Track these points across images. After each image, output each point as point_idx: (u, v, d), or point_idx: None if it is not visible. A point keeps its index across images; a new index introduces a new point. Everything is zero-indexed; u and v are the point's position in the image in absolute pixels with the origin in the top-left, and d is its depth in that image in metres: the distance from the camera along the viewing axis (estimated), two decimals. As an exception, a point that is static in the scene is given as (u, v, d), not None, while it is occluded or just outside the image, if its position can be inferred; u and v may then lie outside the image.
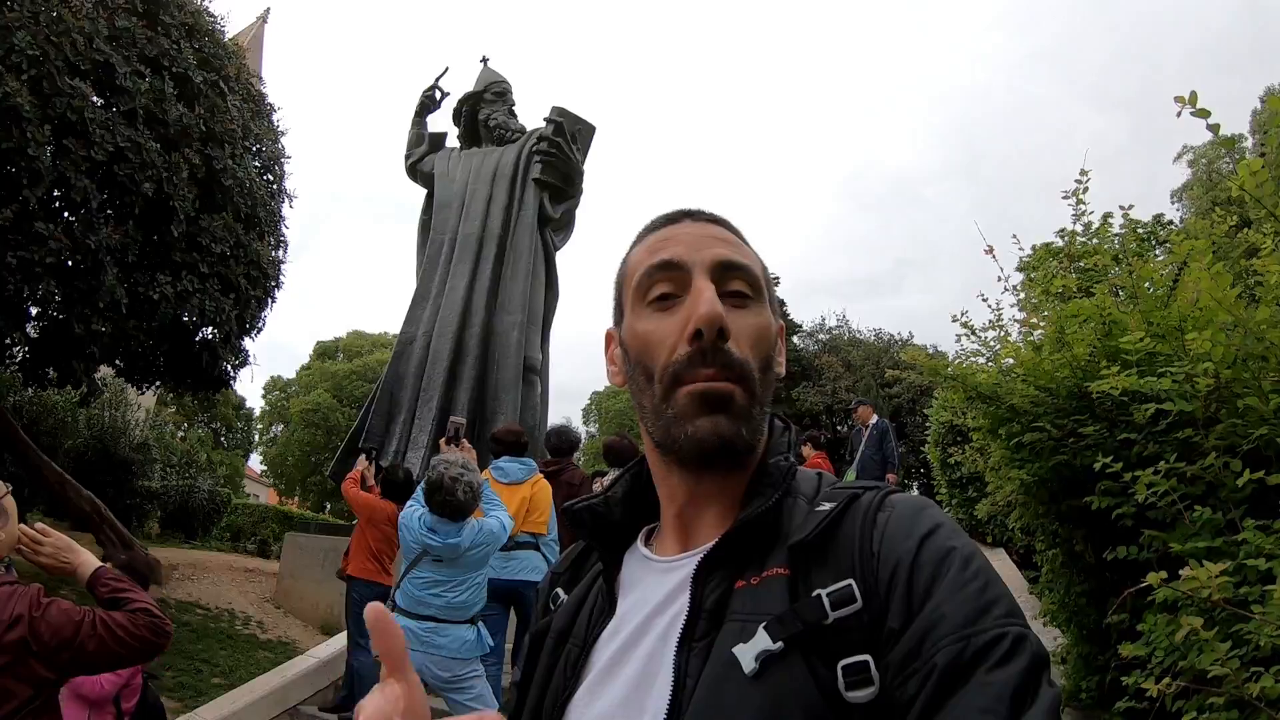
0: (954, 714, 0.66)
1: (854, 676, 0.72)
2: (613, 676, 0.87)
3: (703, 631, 0.81)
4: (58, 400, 13.92)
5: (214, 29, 10.37)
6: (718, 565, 0.85)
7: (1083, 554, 3.83)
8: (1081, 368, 3.22)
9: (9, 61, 7.25)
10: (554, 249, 11.85)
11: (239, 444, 40.95)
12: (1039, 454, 3.49)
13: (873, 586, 0.76)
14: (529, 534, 5.70)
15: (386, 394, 10.85)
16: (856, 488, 0.88)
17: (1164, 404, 2.72)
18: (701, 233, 0.95)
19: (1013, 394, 3.52)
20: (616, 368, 1.00)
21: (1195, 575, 1.91)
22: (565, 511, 1.05)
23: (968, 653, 0.68)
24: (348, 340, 44.06)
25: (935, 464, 10.09)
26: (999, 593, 0.73)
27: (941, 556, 0.76)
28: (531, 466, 5.89)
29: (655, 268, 0.92)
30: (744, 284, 0.92)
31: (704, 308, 0.85)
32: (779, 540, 0.84)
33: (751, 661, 0.75)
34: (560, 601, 1.04)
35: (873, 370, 27.26)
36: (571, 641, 0.95)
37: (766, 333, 0.92)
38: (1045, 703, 0.65)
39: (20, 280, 7.61)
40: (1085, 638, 4.13)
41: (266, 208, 10.76)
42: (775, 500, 0.86)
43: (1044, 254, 5.35)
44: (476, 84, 12.77)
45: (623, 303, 0.99)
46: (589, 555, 1.07)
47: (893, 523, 0.81)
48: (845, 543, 0.81)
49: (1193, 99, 2.43)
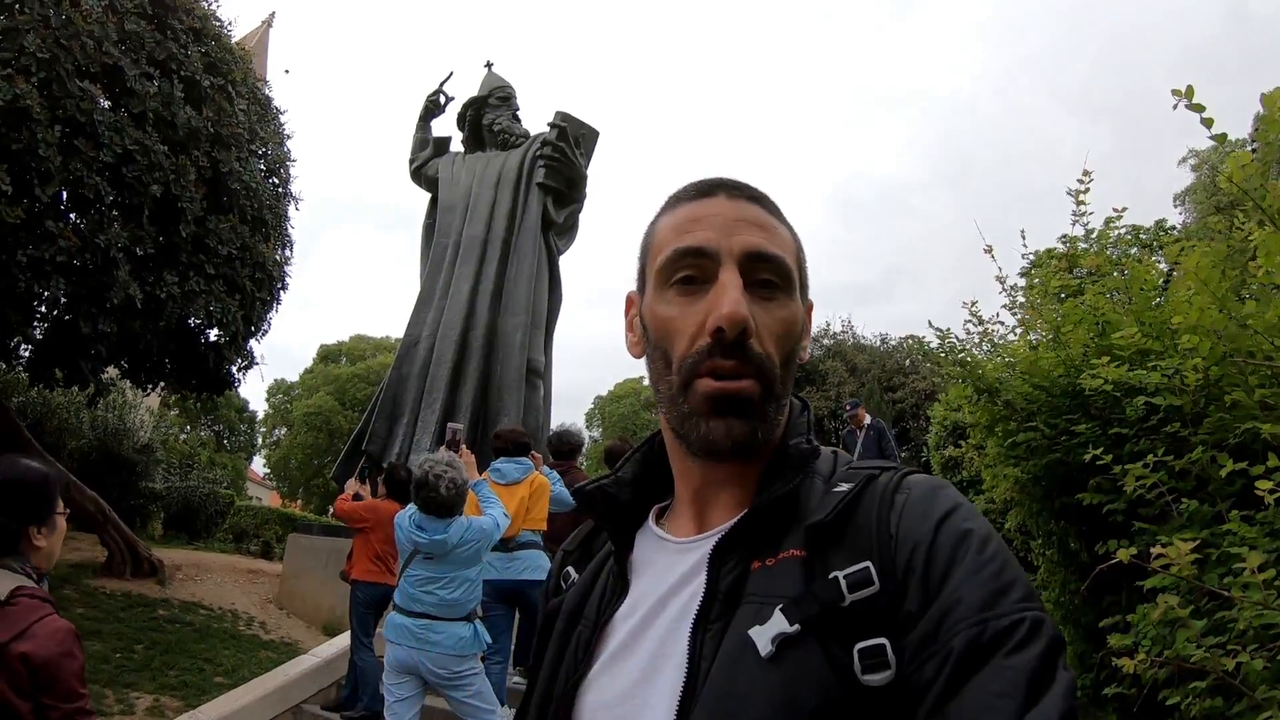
0: (971, 697, 0.66)
1: (870, 660, 0.72)
2: (626, 657, 0.87)
3: (718, 613, 0.81)
4: (62, 401, 13.96)
5: (221, 33, 10.42)
6: (734, 547, 0.84)
7: (1077, 552, 3.87)
8: (1075, 366, 3.26)
9: (19, 64, 7.31)
10: (557, 253, 11.86)
11: (241, 447, 40.96)
12: (1033, 452, 3.53)
13: (890, 569, 0.76)
14: (531, 532, 5.76)
15: (390, 396, 10.87)
16: (874, 468, 0.88)
17: (1154, 397, 2.77)
18: (735, 214, 0.90)
19: (1010, 389, 3.57)
20: (635, 337, 0.98)
21: (1166, 553, 1.96)
22: (576, 493, 1.04)
23: (985, 636, 0.68)
24: (351, 343, 44.10)
25: (936, 466, 10.09)
26: (1016, 575, 0.73)
27: (959, 539, 0.76)
28: (528, 466, 5.92)
29: (682, 252, 0.89)
30: (773, 274, 0.89)
31: (727, 307, 0.83)
32: (796, 521, 0.84)
33: (767, 644, 0.75)
34: (571, 580, 1.04)
35: (878, 375, 27.27)
36: (583, 622, 0.95)
37: (792, 327, 0.90)
38: (1062, 687, 0.66)
39: (30, 278, 7.66)
40: (1080, 636, 4.17)
41: (272, 210, 10.81)
42: (795, 484, 0.86)
43: (1045, 258, 5.41)
44: (481, 89, 12.81)
45: (646, 273, 0.96)
46: (599, 533, 1.06)
47: (910, 504, 0.80)
48: (863, 524, 0.80)
49: (1189, 93, 2.47)
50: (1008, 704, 0.64)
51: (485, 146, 12.51)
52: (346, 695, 6.61)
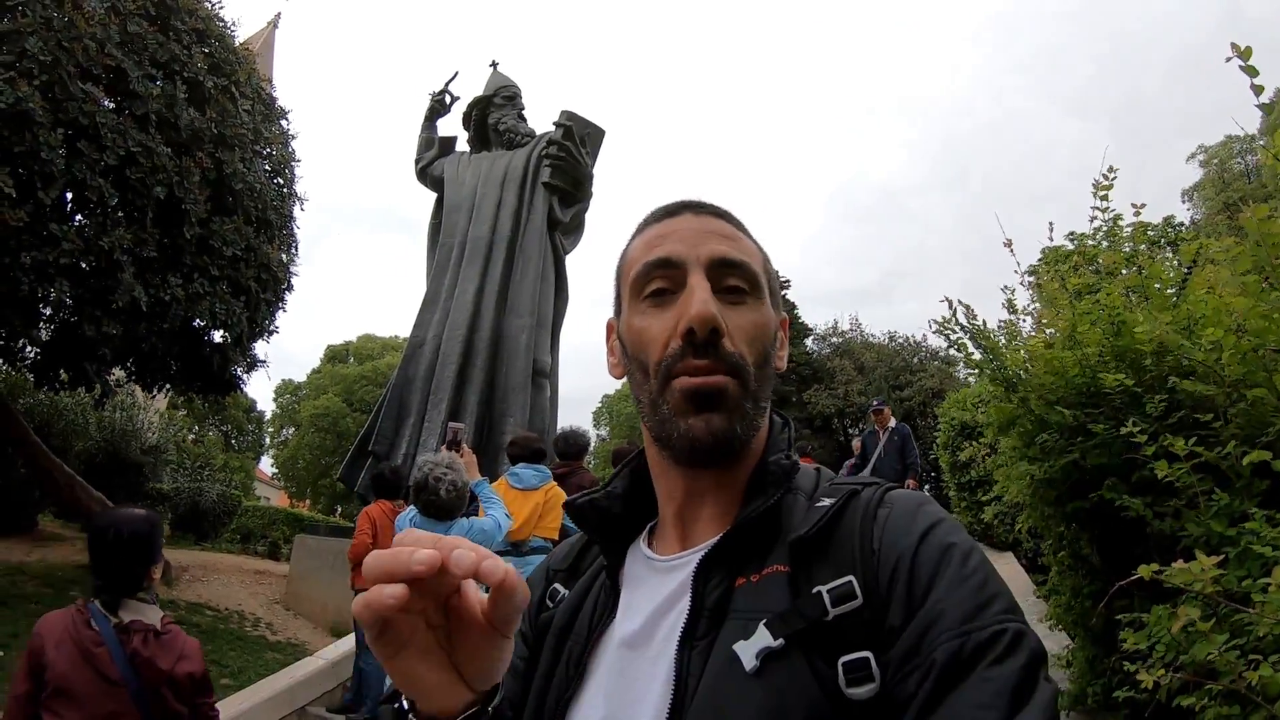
0: (954, 709, 0.66)
1: (855, 673, 0.72)
2: (616, 676, 0.87)
3: (704, 630, 0.81)
4: (68, 403, 13.99)
5: (224, 34, 10.44)
6: (718, 563, 0.85)
7: (1089, 556, 3.81)
8: (1091, 366, 3.21)
9: (21, 67, 7.33)
10: (563, 252, 11.85)
11: (249, 447, 41.09)
12: (1049, 452, 3.48)
13: (873, 583, 0.76)
14: (541, 539, 5.73)
15: (396, 397, 10.87)
16: (855, 484, 0.88)
17: (1187, 380, 2.70)
18: (701, 227, 0.93)
19: (1029, 385, 3.51)
20: (615, 359, 1.00)
21: (1188, 568, 1.91)
22: (568, 507, 1.04)
23: (967, 648, 0.68)
24: (358, 344, 44.21)
25: (945, 466, 10.00)
26: (997, 589, 0.73)
27: (941, 552, 0.76)
28: (546, 474, 5.93)
29: (652, 265, 0.91)
30: (741, 280, 0.91)
31: (696, 308, 0.85)
32: (779, 537, 0.84)
33: (752, 659, 0.75)
34: (560, 596, 1.03)
35: (885, 373, 27.25)
36: (573, 639, 0.95)
37: (763, 329, 0.91)
38: (1043, 698, 0.66)
39: (34, 280, 7.67)
40: (1091, 641, 4.11)
41: (277, 211, 10.84)
42: (776, 499, 0.86)
43: (1053, 256, 5.34)
44: (486, 88, 12.80)
45: (621, 295, 0.99)
46: (588, 551, 1.07)
47: (893, 519, 0.81)
48: (845, 539, 0.81)
49: (1246, 53, 2.36)
50: (989, 715, 0.64)
51: (491, 146, 12.50)
52: (350, 698, 6.58)
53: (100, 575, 2.63)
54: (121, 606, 2.60)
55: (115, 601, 2.61)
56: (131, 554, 2.63)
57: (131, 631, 2.57)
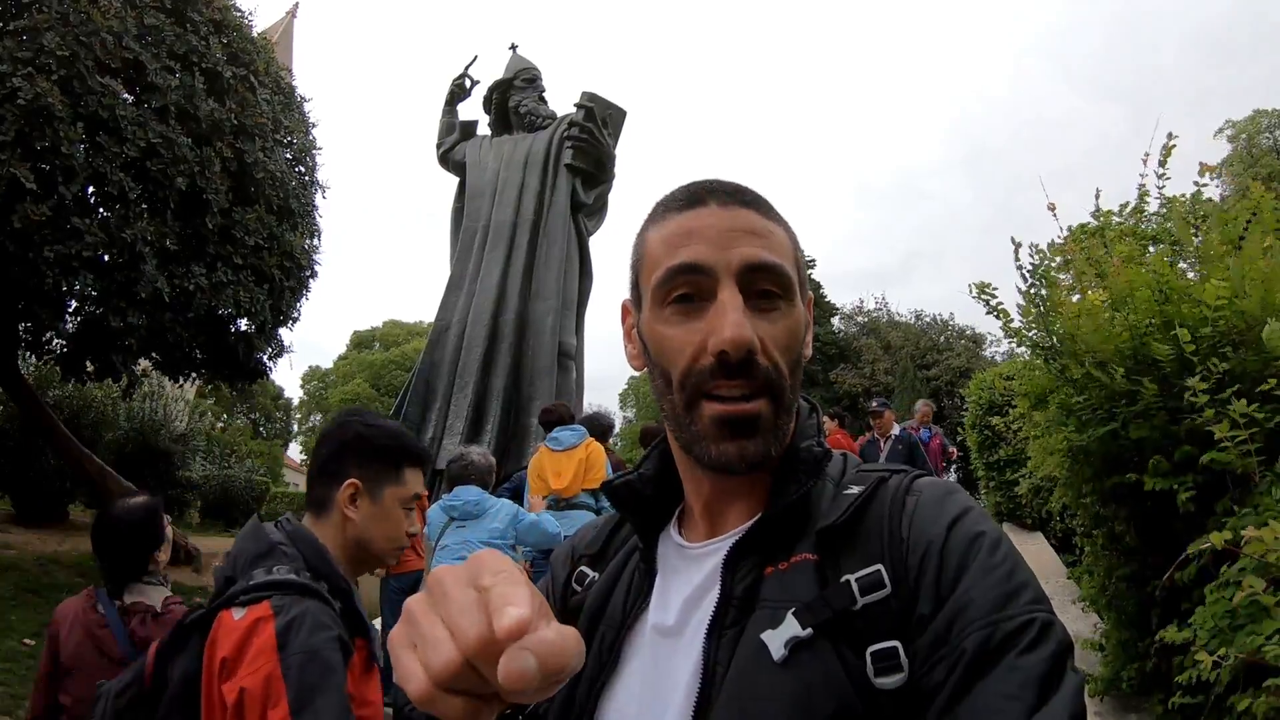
0: (981, 699, 0.66)
1: (883, 663, 0.72)
2: (650, 664, 0.86)
3: (733, 619, 0.80)
4: (98, 394, 14.12)
5: (242, 24, 10.45)
6: (747, 552, 0.84)
7: (1124, 535, 3.73)
8: (1141, 332, 3.12)
9: (40, 63, 7.37)
10: (587, 234, 11.76)
11: (278, 433, 41.48)
12: (1088, 422, 3.39)
13: (902, 572, 0.76)
14: (587, 493, 5.95)
15: (422, 382, 10.85)
16: (884, 471, 0.87)
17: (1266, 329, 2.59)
18: (729, 224, 0.86)
19: (1079, 343, 3.42)
20: (635, 350, 0.96)
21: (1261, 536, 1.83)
22: (605, 488, 1.02)
23: (995, 638, 0.68)
24: (384, 330, 44.48)
25: (973, 447, 9.90)
26: (1026, 578, 0.73)
27: (970, 541, 0.75)
28: (582, 432, 6.15)
29: (676, 270, 0.85)
30: (774, 284, 0.86)
31: (729, 331, 0.80)
32: (808, 525, 0.83)
33: (781, 648, 0.75)
34: (589, 580, 1.01)
35: (911, 352, 27.03)
36: (605, 624, 0.93)
37: (796, 334, 0.88)
38: (1070, 688, 0.66)
39: (59, 274, 7.72)
40: (1125, 623, 4.02)
41: (299, 199, 10.86)
42: (807, 488, 0.85)
43: (1079, 233, 5.24)
44: (506, 71, 12.71)
45: (640, 287, 0.93)
46: (616, 534, 1.05)
47: (921, 507, 0.80)
48: (874, 527, 0.80)
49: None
50: (1017, 705, 0.65)
51: (512, 129, 12.40)
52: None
53: (104, 562, 2.79)
54: (126, 590, 2.75)
55: (119, 586, 2.76)
56: (130, 541, 2.76)
57: (132, 613, 2.71)
